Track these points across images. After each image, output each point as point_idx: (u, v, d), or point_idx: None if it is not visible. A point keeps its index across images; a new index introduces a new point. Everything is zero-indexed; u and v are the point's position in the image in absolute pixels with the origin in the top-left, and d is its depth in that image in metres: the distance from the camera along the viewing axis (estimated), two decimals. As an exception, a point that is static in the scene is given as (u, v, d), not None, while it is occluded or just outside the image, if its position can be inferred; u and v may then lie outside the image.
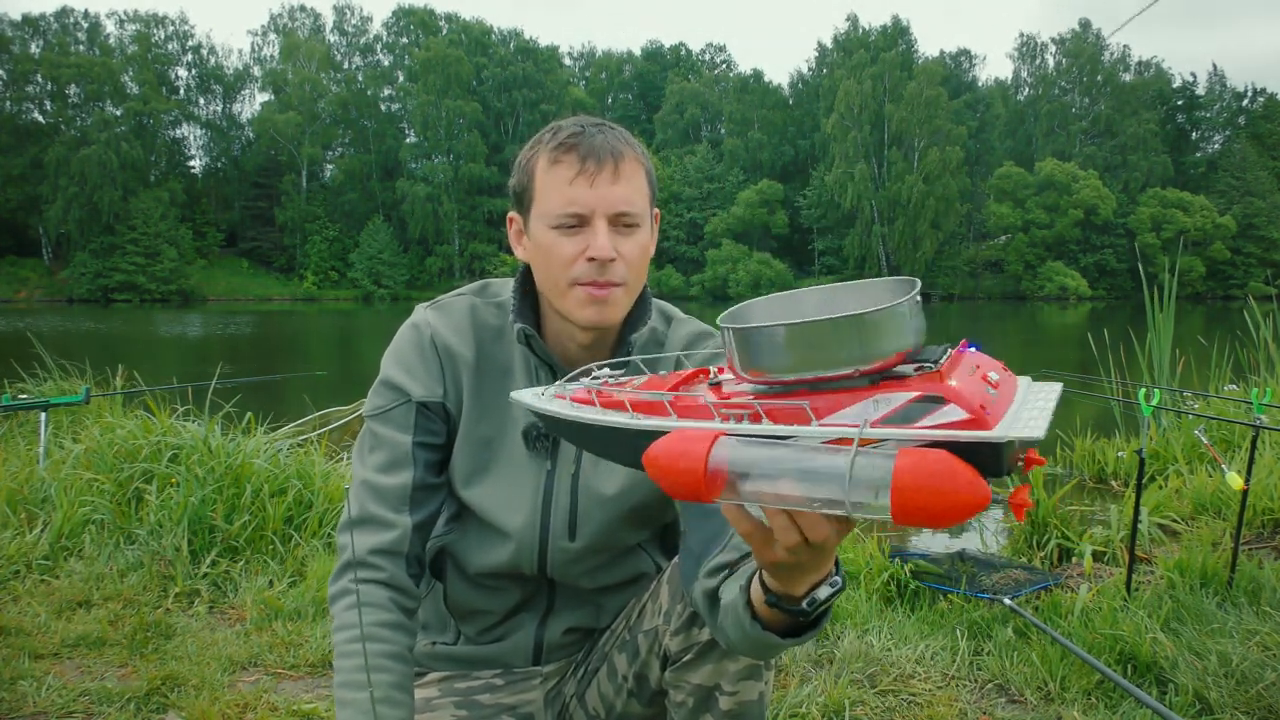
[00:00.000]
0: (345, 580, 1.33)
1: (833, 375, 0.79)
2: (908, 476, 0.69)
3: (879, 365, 0.78)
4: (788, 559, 0.87)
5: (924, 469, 0.69)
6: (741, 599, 1.02)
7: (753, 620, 1.00)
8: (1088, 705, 2.27)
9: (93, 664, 2.53)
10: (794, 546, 0.84)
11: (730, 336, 0.82)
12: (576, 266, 1.28)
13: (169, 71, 62.99)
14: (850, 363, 0.78)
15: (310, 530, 3.47)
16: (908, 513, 0.70)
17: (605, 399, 0.93)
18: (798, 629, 1.00)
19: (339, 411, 6.65)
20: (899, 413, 0.75)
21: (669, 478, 0.78)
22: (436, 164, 60.68)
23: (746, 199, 58.64)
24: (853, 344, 0.77)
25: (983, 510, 0.69)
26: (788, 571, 0.91)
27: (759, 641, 1.01)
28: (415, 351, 1.40)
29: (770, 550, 0.87)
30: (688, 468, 0.76)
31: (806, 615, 0.96)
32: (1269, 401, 3.66)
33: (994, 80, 70.51)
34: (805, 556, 0.86)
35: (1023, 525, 3.70)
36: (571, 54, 76.54)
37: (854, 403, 0.77)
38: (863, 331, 0.77)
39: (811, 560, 0.88)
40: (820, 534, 0.83)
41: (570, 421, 0.95)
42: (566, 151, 1.27)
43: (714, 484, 0.78)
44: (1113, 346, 5.96)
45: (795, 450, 0.75)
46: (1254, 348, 5.98)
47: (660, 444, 0.79)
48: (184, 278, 54.29)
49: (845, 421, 0.77)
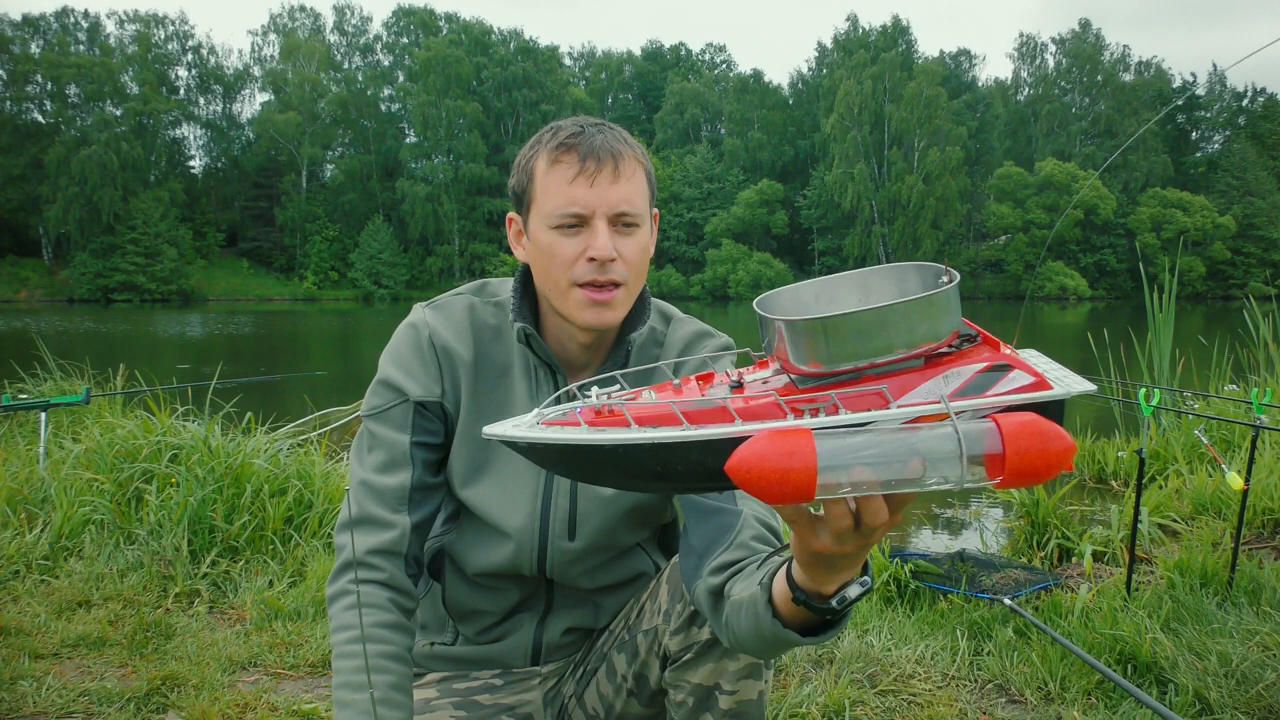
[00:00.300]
0: (344, 580, 1.33)
1: (895, 359, 0.79)
2: (1020, 440, 0.72)
3: (945, 343, 0.80)
4: (833, 548, 0.84)
5: (1028, 430, 0.72)
6: (763, 595, 1.00)
7: (773, 618, 0.98)
8: (1088, 705, 2.27)
9: (93, 664, 2.53)
10: (844, 531, 0.82)
11: (790, 328, 0.79)
12: (577, 267, 1.28)
13: (169, 71, 63.03)
14: (921, 341, 0.78)
15: (310, 530, 3.47)
16: (1020, 474, 0.72)
17: (612, 417, 0.83)
18: (816, 628, 0.98)
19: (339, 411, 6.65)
20: (970, 384, 0.78)
21: (773, 481, 0.72)
22: (436, 164, 60.69)
23: (746, 199, 58.66)
24: (925, 324, 0.78)
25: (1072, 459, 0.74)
26: (826, 564, 0.89)
27: (774, 639, 1.00)
28: (413, 351, 1.40)
29: (815, 539, 0.85)
30: (800, 467, 0.71)
31: (834, 614, 0.94)
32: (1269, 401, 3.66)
33: (994, 80, 70.63)
34: (851, 546, 0.84)
35: (1023, 525, 3.70)
36: (571, 54, 76.70)
37: (922, 382, 0.78)
38: (933, 311, 0.78)
39: (854, 551, 0.86)
40: (879, 518, 0.81)
41: (591, 446, 0.80)
42: (566, 152, 1.27)
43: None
44: (1113, 346, 5.96)
45: (891, 434, 0.74)
46: (1254, 348, 5.98)
47: (752, 449, 0.73)
48: (184, 278, 54.32)
49: (919, 400, 0.77)
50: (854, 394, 0.78)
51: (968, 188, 58.38)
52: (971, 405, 0.76)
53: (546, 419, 0.84)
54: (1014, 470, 0.72)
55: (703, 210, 60.07)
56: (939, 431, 0.73)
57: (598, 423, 0.82)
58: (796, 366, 0.81)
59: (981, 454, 0.73)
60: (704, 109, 66.89)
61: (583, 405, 0.84)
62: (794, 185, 62.23)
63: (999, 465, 0.73)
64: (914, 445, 0.73)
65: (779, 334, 0.80)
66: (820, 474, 0.72)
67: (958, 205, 56.97)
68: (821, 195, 59.32)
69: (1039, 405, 0.77)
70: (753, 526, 1.19)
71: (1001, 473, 0.73)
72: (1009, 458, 0.72)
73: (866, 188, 56.99)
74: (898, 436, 0.74)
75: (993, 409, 0.76)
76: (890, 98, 57.47)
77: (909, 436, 0.74)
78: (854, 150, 57.37)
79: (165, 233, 53.70)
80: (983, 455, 0.73)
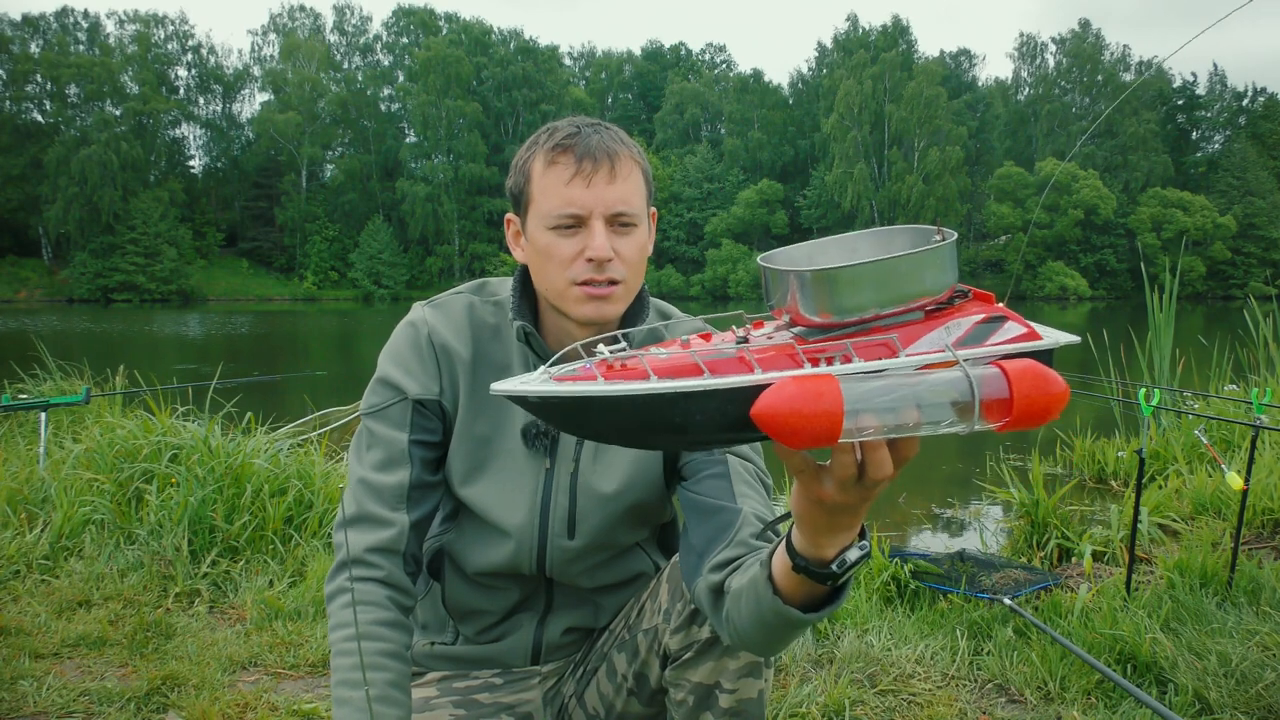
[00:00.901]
0: (342, 578, 1.33)
1: (900, 310, 0.83)
2: (1025, 383, 0.77)
3: (944, 296, 0.85)
4: (836, 496, 0.86)
5: (1030, 374, 0.77)
6: (763, 573, 1.01)
7: (773, 595, 0.99)
8: (1088, 705, 2.27)
9: (93, 664, 2.53)
10: (847, 480, 0.84)
11: (802, 279, 0.82)
12: (575, 267, 1.28)
13: (169, 71, 63.07)
14: (926, 294, 0.83)
15: (310, 530, 3.47)
16: (1026, 415, 0.77)
17: (627, 370, 0.81)
18: (817, 605, 0.99)
19: (339, 411, 6.65)
20: (970, 334, 0.83)
21: (801, 424, 0.73)
22: (436, 164, 60.70)
23: (746, 199, 58.66)
24: (930, 276, 0.82)
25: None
26: (827, 517, 0.90)
27: (775, 619, 1.00)
28: (412, 349, 1.40)
29: (819, 486, 0.86)
30: (826, 410, 0.73)
31: (834, 579, 0.95)
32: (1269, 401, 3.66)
33: (994, 80, 70.63)
34: (853, 496, 0.86)
35: (1023, 525, 3.70)
36: (571, 54, 76.70)
37: (926, 333, 0.83)
38: (938, 264, 0.83)
39: (856, 502, 0.87)
40: (883, 470, 0.84)
41: (613, 397, 0.78)
42: (563, 152, 1.27)
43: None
44: (1113, 346, 5.96)
45: (907, 378, 0.78)
46: (1254, 348, 5.98)
47: (778, 393, 0.74)
48: (184, 278, 54.33)
49: (925, 349, 0.81)
50: (865, 343, 0.82)
51: (968, 188, 58.40)
52: (974, 354, 0.81)
53: (556, 375, 0.82)
54: (1020, 411, 0.77)
55: (703, 210, 60.07)
56: (949, 377, 0.78)
57: (614, 375, 0.81)
58: (807, 318, 0.83)
59: (991, 398, 0.77)
60: (704, 109, 66.90)
61: (594, 360, 0.84)
62: (794, 185, 62.23)
63: (1007, 408, 0.77)
64: (928, 390, 0.77)
65: (791, 286, 0.83)
66: (845, 417, 0.74)
67: (958, 205, 56.95)
68: (821, 195, 59.33)
69: (1032, 354, 0.82)
70: (753, 524, 1.19)
71: (1009, 414, 0.77)
72: (1016, 400, 0.77)
73: (866, 188, 56.99)
74: (911, 381, 0.77)
75: (994, 356, 0.81)
76: (890, 98, 57.47)
77: (922, 381, 0.77)
78: (854, 150, 57.37)
79: (165, 233, 53.72)
80: (992, 399, 0.77)
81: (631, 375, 0.80)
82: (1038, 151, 61.56)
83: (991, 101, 65.92)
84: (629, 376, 0.80)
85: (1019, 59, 67.79)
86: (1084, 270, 55.69)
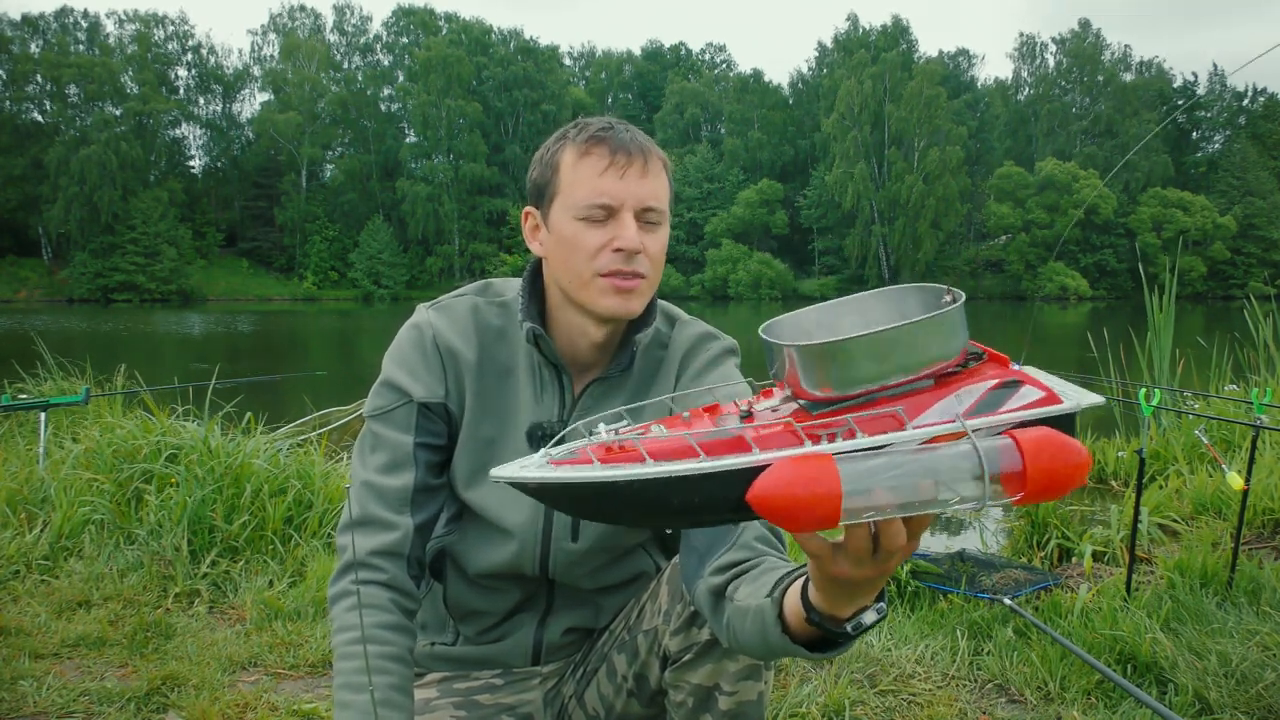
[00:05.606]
0: (346, 581, 1.33)
1: (906, 380, 0.78)
2: (1040, 455, 0.72)
3: (954, 362, 0.80)
4: (852, 573, 0.84)
5: (1046, 445, 0.72)
6: (773, 610, 0.99)
7: (782, 632, 0.98)
8: (1088, 705, 2.27)
9: (93, 664, 2.53)
10: (862, 555, 0.82)
11: (800, 353, 0.78)
12: (601, 257, 1.28)
13: (169, 71, 62.97)
14: (932, 361, 0.79)
15: (310, 530, 3.47)
16: (1041, 489, 0.72)
17: (624, 452, 0.79)
18: (824, 645, 0.98)
19: (339, 411, 6.65)
20: (982, 401, 0.78)
21: (797, 509, 0.71)
22: (436, 164, 60.65)
23: (746, 199, 58.66)
24: (935, 344, 0.78)
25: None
26: (846, 590, 0.88)
27: (780, 650, 0.99)
28: (417, 352, 1.39)
29: (834, 564, 0.84)
30: (823, 493, 0.70)
31: (847, 638, 0.94)
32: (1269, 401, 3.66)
33: (994, 80, 70.65)
34: (869, 570, 0.83)
35: (1023, 525, 3.70)
36: (571, 54, 76.67)
37: (935, 402, 0.78)
38: (943, 331, 0.79)
39: (873, 576, 0.85)
40: (897, 542, 0.81)
41: (607, 483, 0.77)
42: (597, 144, 1.28)
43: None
44: (1113, 346, 5.96)
45: (911, 455, 0.73)
46: (1254, 348, 5.97)
47: (774, 477, 0.71)
48: (184, 278, 54.30)
49: (935, 420, 0.77)
50: (870, 417, 0.77)
51: (968, 188, 58.37)
52: (986, 423, 0.76)
53: (554, 458, 0.81)
54: (1035, 486, 0.72)
55: (703, 210, 60.06)
56: (958, 450, 0.73)
57: (610, 459, 0.79)
58: (808, 392, 0.80)
59: (1002, 471, 0.72)
60: (704, 109, 66.86)
61: (591, 443, 0.82)
62: (794, 185, 62.23)
63: (1020, 482, 0.72)
64: (934, 466, 0.72)
65: (789, 360, 0.80)
66: (844, 499, 0.70)
67: (958, 205, 56.95)
68: (821, 195, 59.31)
69: (1050, 420, 0.76)
70: (755, 527, 1.19)
71: (1023, 489, 0.72)
72: (1029, 474, 0.72)
73: (866, 187, 56.98)
74: (917, 458, 0.73)
75: (1007, 426, 0.76)
76: (890, 97, 57.46)
77: (928, 457, 0.73)
78: (854, 150, 57.36)
79: (165, 233, 53.67)
80: (1003, 473, 0.73)
81: (628, 458, 0.78)
82: (1038, 151, 61.52)
83: (991, 101, 65.93)
84: (626, 460, 0.78)
85: (1019, 59, 67.85)
86: (1084, 270, 55.68)
